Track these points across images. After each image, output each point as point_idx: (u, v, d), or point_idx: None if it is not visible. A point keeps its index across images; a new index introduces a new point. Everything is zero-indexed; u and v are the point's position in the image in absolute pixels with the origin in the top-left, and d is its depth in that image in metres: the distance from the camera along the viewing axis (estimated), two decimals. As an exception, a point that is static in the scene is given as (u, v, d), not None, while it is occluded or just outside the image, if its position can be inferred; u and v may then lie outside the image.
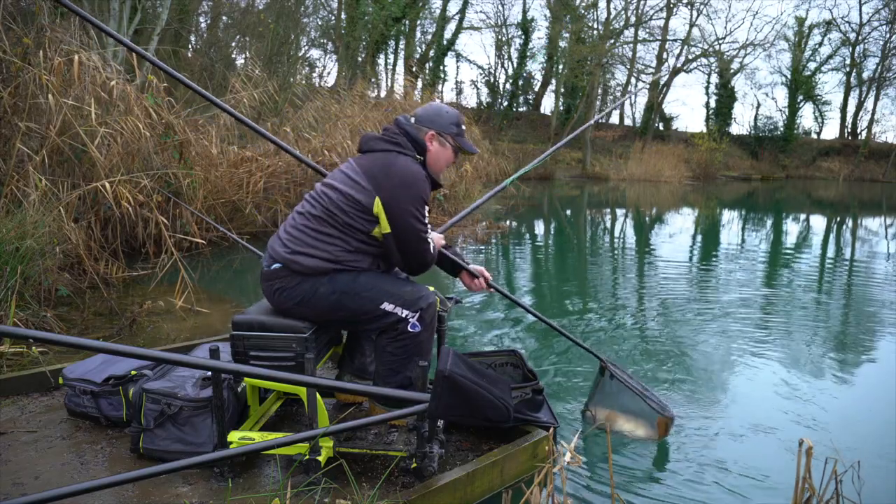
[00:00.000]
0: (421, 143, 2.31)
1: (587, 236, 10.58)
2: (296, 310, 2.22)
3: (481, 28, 31.82)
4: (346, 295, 2.19)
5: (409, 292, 2.22)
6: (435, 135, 2.32)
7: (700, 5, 29.30)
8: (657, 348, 4.25)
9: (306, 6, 18.53)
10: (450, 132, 2.34)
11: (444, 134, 2.33)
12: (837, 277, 7.22)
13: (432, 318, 2.26)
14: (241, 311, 2.32)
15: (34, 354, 3.30)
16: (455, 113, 2.39)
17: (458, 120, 2.38)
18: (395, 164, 2.20)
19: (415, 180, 2.19)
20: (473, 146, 2.43)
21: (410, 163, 2.24)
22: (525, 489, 1.45)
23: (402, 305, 2.20)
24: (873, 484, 2.53)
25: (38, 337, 1.50)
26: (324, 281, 2.19)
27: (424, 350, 2.25)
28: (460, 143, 2.36)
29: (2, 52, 5.10)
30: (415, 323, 2.20)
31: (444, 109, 2.39)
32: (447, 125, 2.34)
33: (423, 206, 2.20)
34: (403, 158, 2.24)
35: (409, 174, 2.20)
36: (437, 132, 2.32)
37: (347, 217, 2.19)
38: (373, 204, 2.17)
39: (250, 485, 2.17)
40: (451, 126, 2.35)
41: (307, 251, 2.20)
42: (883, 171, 32.22)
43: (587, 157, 27.13)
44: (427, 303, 2.23)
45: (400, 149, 2.26)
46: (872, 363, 4.20)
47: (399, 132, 2.30)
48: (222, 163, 7.24)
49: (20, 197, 4.75)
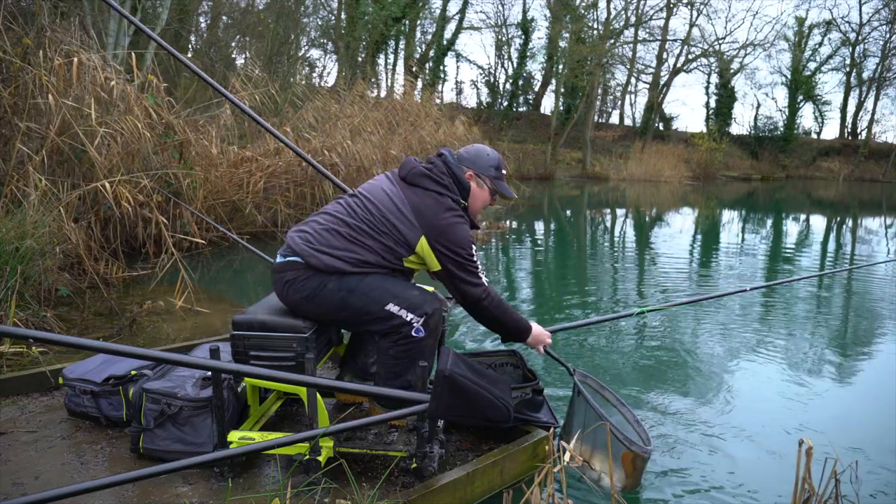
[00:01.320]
0: (465, 185, 2.35)
1: (587, 236, 10.58)
2: (303, 304, 2.22)
3: (481, 28, 31.87)
4: (353, 294, 2.19)
5: (416, 296, 2.22)
6: (473, 175, 2.38)
7: (700, 5, 29.37)
8: (657, 348, 4.25)
9: (306, 6, 18.54)
10: (488, 174, 2.39)
11: (482, 175, 2.38)
12: (837, 277, 7.22)
13: (437, 324, 2.26)
14: (241, 311, 2.31)
15: (34, 354, 3.30)
16: (496, 156, 2.45)
17: (498, 163, 2.43)
18: (443, 210, 2.25)
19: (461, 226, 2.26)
20: (511, 191, 2.48)
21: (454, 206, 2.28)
22: (525, 489, 1.45)
23: (408, 308, 2.20)
24: (873, 484, 2.53)
25: (38, 337, 1.50)
26: (333, 278, 2.20)
27: (427, 355, 2.25)
28: (497, 187, 2.41)
29: (2, 52, 5.10)
30: (419, 328, 2.20)
31: (485, 151, 2.44)
32: (486, 167, 2.39)
33: (470, 248, 2.26)
34: (449, 202, 2.28)
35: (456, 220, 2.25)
36: (476, 173, 2.38)
37: (385, 239, 2.22)
38: (417, 242, 2.21)
39: (250, 485, 2.17)
40: (491, 168, 2.40)
41: (332, 252, 2.20)
42: (883, 171, 32.24)
43: (587, 157, 27.14)
44: (433, 308, 2.22)
45: (447, 191, 2.29)
46: (872, 363, 4.19)
47: (446, 172, 2.33)
48: (222, 163, 7.24)
49: (20, 197, 4.75)
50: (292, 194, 7.86)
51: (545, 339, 2.53)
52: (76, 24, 6.12)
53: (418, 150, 10.68)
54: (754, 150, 33.82)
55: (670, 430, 2.98)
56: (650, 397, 3.38)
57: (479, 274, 2.29)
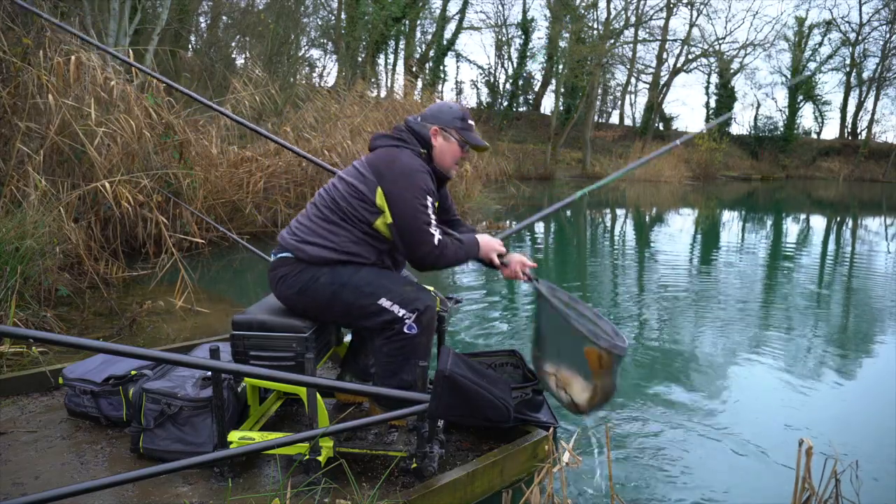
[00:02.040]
0: (425, 137, 2.36)
1: (587, 236, 10.58)
2: (296, 299, 2.24)
3: (481, 28, 31.87)
4: (345, 287, 2.19)
5: (409, 291, 2.22)
6: (439, 130, 2.37)
7: (700, 5, 29.37)
8: (657, 348, 4.25)
9: (306, 6, 18.53)
10: (454, 126, 2.38)
11: (447, 129, 2.37)
12: (837, 277, 7.22)
13: (430, 321, 2.24)
14: (241, 311, 2.31)
15: (34, 354, 3.30)
16: (459, 108, 2.43)
17: (462, 114, 2.41)
18: (397, 157, 2.26)
19: (414, 171, 2.23)
20: (480, 140, 2.44)
21: (412, 156, 2.29)
22: (525, 489, 1.45)
23: (400, 304, 2.19)
24: (873, 484, 2.53)
25: (38, 337, 1.50)
26: (325, 271, 2.21)
27: (421, 353, 2.24)
28: (465, 137, 2.39)
29: (2, 52, 5.10)
30: (411, 325, 2.19)
31: (448, 105, 2.44)
32: (451, 120, 2.38)
33: (424, 196, 2.21)
34: (406, 152, 2.30)
35: (409, 166, 2.24)
36: (441, 127, 2.37)
37: (350, 207, 2.24)
38: (375, 194, 2.21)
39: (250, 485, 2.17)
40: (455, 121, 2.38)
41: (315, 240, 2.24)
42: (883, 171, 32.23)
43: (587, 157, 27.14)
44: (425, 305, 2.21)
45: (403, 143, 2.33)
46: (872, 363, 4.19)
47: (405, 129, 2.38)
48: (222, 163, 7.24)
49: (20, 197, 4.75)
50: (292, 194, 7.86)
51: (496, 246, 2.44)
52: (76, 24, 6.12)
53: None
54: (754, 150, 33.81)
55: (670, 429, 2.98)
56: (649, 397, 3.38)
57: (431, 229, 2.21)
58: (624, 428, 2.98)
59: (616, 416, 3.13)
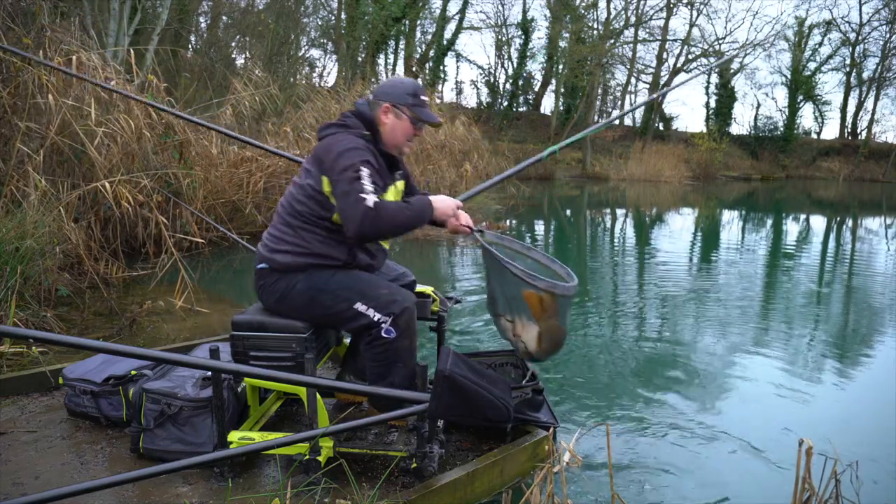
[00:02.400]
0: (370, 119, 2.28)
1: (587, 236, 10.58)
2: (276, 307, 2.23)
3: (481, 28, 31.84)
4: (322, 292, 2.18)
5: (384, 295, 2.18)
6: (390, 107, 2.28)
7: (700, 5, 29.36)
8: (656, 348, 4.25)
9: (306, 6, 18.52)
10: (405, 103, 2.27)
11: (399, 106, 2.27)
12: (837, 277, 7.22)
13: (408, 323, 2.20)
14: (241, 311, 2.31)
15: (34, 354, 3.30)
16: (412, 83, 2.33)
17: (414, 90, 2.30)
18: (335, 142, 2.19)
19: (350, 148, 2.15)
20: (434, 116, 2.34)
21: (349, 136, 2.21)
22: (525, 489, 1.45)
23: (375, 308, 2.16)
24: (873, 484, 2.53)
25: (38, 337, 1.50)
26: (301, 278, 2.20)
27: (404, 357, 2.21)
28: (417, 113, 2.28)
29: (2, 51, 5.10)
30: (388, 328, 2.16)
31: (400, 80, 2.35)
32: (402, 96, 2.28)
33: (357, 167, 2.10)
34: (343, 135, 2.22)
35: (345, 145, 2.16)
36: (392, 104, 2.27)
37: (307, 207, 2.20)
38: (322, 184, 2.18)
39: (250, 485, 2.17)
40: (407, 97, 2.28)
41: (284, 248, 2.22)
42: (883, 171, 32.22)
43: (587, 157, 27.13)
44: (401, 308, 2.17)
45: (346, 129, 2.26)
46: (872, 363, 4.19)
47: (350, 114, 2.31)
48: (222, 163, 7.24)
49: (20, 197, 4.75)
50: (292, 194, 7.84)
51: (451, 206, 2.30)
52: (76, 24, 6.12)
53: (418, 150, 10.68)
54: (754, 150, 33.80)
55: (670, 429, 2.98)
56: (650, 397, 3.38)
57: (363, 194, 2.06)
58: (625, 428, 2.98)
59: (616, 415, 3.13)
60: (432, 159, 10.81)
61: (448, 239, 8.67)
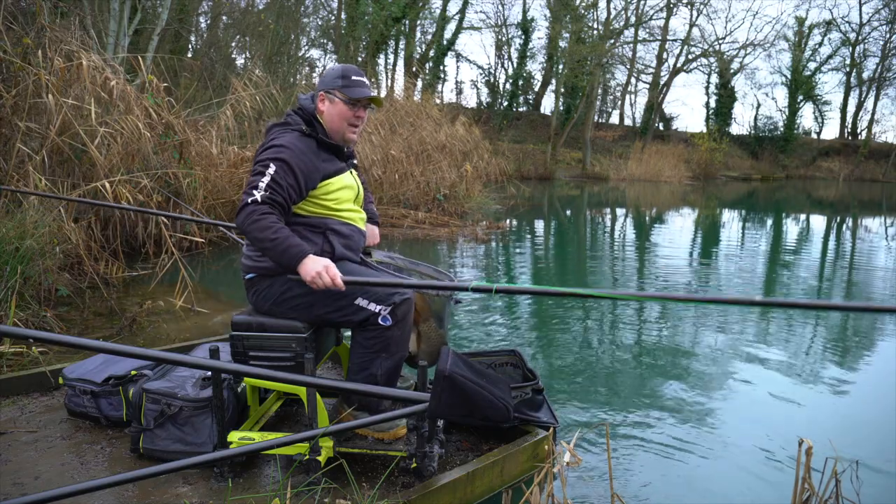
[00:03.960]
0: (309, 112, 2.27)
1: (587, 236, 10.58)
2: (274, 309, 2.22)
3: (481, 28, 31.87)
4: (321, 293, 2.16)
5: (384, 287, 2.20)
6: (324, 94, 2.27)
7: (700, 5, 29.37)
8: (657, 348, 4.25)
9: (306, 6, 18.53)
10: (335, 86, 2.25)
11: (331, 91, 2.26)
12: (837, 277, 7.22)
13: (405, 314, 2.22)
14: (240, 311, 2.31)
15: (34, 354, 3.30)
16: (342, 66, 2.30)
17: (343, 72, 2.27)
18: (267, 140, 2.21)
19: (270, 146, 2.16)
20: (366, 90, 2.27)
21: (285, 136, 2.20)
22: (525, 489, 1.45)
23: (376, 301, 2.18)
24: (874, 484, 2.53)
25: (38, 337, 1.50)
26: (297, 279, 2.17)
27: (393, 347, 2.22)
28: (346, 93, 2.24)
29: (2, 51, 5.10)
30: (385, 316, 2.17)
31: (332, 67, 2.33)
32: (331, 80, 2.27)
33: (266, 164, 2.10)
34: (279, 133, 2.22)
35: (269, 143, 2.18)
36: (325, 91, 2.27)
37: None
38: None
39: (250, 485, 2.17)
40: (336, 80, 2.26)
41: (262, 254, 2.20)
42: (883, 171, 32.24)
43: (587, 157, 27.14)
44: (401, 298, 2.19)
45: (285, 127, 2.25)
46: (872, 363, 4.19)
47: (292, 111, 2.31)
48: (222, 163, 7.24)
49: (20, 197, 4.75)
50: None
51: (321, 267, 2.03)
52: (76, 24, 6.12)
53: (419, 150, 10.68)
54: (754, 150, 33.82)
55: (670, 429, 2.98)
56: (650, 397, 3.38)
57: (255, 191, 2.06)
58: (624, 428, 2.98)
59: (616, 415, 3.13)
60: (433, 160, 10.82)
61: (448, 238, 8.67)
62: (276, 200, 2.11)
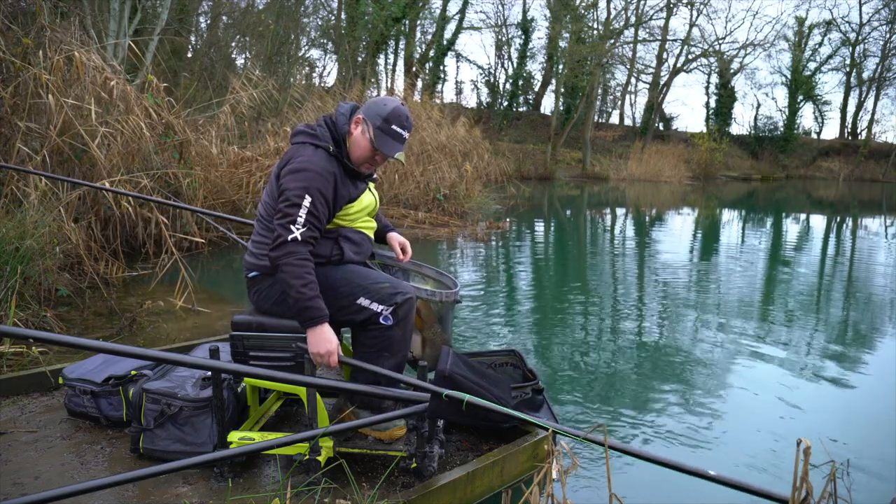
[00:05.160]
0: (340, 131, 2.23)
1: (587, 236, 10.58)
2: (275, 309, 2.23)
3: (481, 28, 31.86)
4: (323, 291, 2.16)
5: (386, 288, 2.21)
6: (361, 119, 2.22)
7: (700, 5, 29.35)
8: (657, 348, 4.25)
9: (306, 6, 18.52)
10: (374, 122, 2.18)
11: (368, 121, 2.20)
12: (837, 277, 7.22)
13: (407, 313, 2.22)
14: (240, 311, 2.31)
15: (34, 354, 3.30)
16: (395, 109, 2.20)
17: (388, 115, 2.18)
18: (296, 154, 2.18)
19: (304, 169, 2.11)
20: (393, 148, 2.19)
21: (313, 152, 2.16)
22: (525, 489, 1.45)
23: (378, 301, 2.19)
24: (873, 484, 2.53)
25: (38, 337, 1.50)
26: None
27: (395, 347, 2.22)
28: (375, 137, 2.17)
29: (2, 51, 5.10)
30: (387, 316, 2.18)
31: (384, 101, 2.23)
32: (374, 115, 2.19)
33: (302, 193, 2.07)
34: (308, 148, 2.18)
35: (302, 163, 2.12)
36: (365, 117, 2.21)
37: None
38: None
39: (250, 485, 2.18)
40: (378, 117, 2.18)
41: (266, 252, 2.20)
42: (883, 171, 32.24)
43: (587, 157, 27.13)
44: (403, 298, 2.20)
45: (313, 140, 2.21)
46: (872, 363, 4.19)
47: (323, 121, 2.27)
48: (222, 163, 7.24)
49: (20, 197, 4.75)
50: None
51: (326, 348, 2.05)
52: (76, 23, 6.12)
53: (419, 151, 10.69)
54: (754, 150, 33.82)
55: (668, 429, 2.98)
56: (648, 398, 3.38)
57: (293, 226, 2.05)
58: (624, 428, 2.98)
59: (616, 415, 3.13)
60: (433, 160, 10.82)
61: (448, 238, 8.67)
62: (313, 236, 2.11)
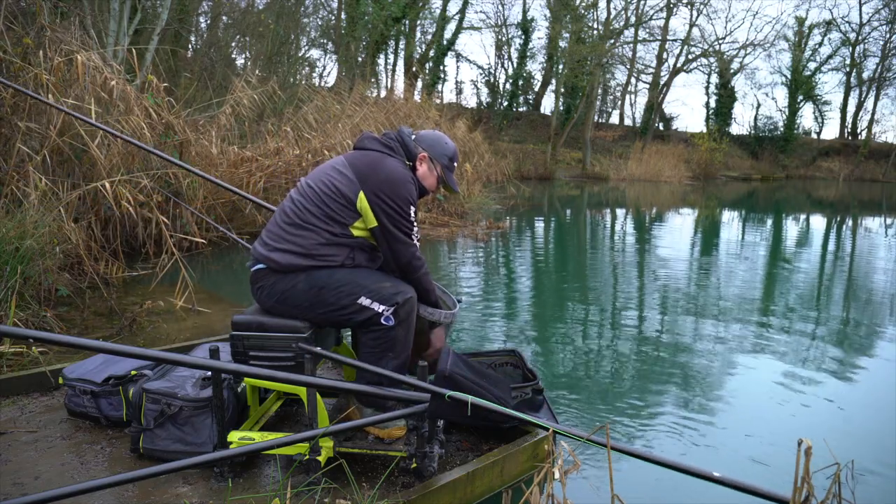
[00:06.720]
0: (413, 153, 2.39)
1: (587, 236, 10.58)
2: (277, 307, 2.23)
3: (481, 28, 31.86)
4: (325, 290, 2.18)
5: (387, 287, 2.22)
6: (426, 157, 2.41)
7: (700, 5, 29.34)
8: (657, 348, 4.25)
9: (306, 6, 18.52)
10: (441, 162, 2.43)
11: (435, 160, 2.41)
12: (837, 277, 7.22)
13: (408, 314, 2.24)
14: (240, 311, 2.31)
15: (34, 354, 3.30)
16: (453, 148, 2.49)
17: (453, 154, 2.46)
18: (383, 163, 2.27)
19: (402, 181, 2.24)
20: (457, 184, 2.52)
21: (399, 165, 2.30)
22: (525, 489, 1.45)
23: (379, 300, 2.19)
24: (874, 485, 2.53)
25: (38, 337, 1.50)
26: (301, 277, 2.20)
27: (399, 347, 2.23)
28: (446, 177, 2.45)
29: (2, 51, 5.10)
30: (388, 316, 2.19)
31: (444, 140, 2.48)
32: (441, 154, 2.43)
33: (408, 206, 2.24)
34: (393, 160, 2.30)
35: (397, 173, 2.25)
36: (431, 157, 2.41)
37: (329, 209, 2.21)
38: (356, 198, 2.21)
39: (250, 485, 2.18)
40: (444, 157, 2.44)
41: (284, 247, 2.22)
42: (883, 171, 32.24)
43: (587, 157, 27.13)
44: (404, 298, 2.21)
45: (392, 152, 2.34)
46: (873, 363, 4.19)
47: (395, 138, 2.38)
48: (222, 163, 7.24)
49: (20, 197, 4.75)
50: (292, 194, 7.83)
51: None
52: (76, 24, 6.12)
53: (418, 150, 10.67)
54: (754, 150, 33.82)
55: (669, 429, 2.98)
56: (649, 398, 3.38)
57: (413, 236, 2.28)
58: (625, 428, 2.98)
59: (617, 415, 3.13)
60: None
61: (448, 238, 8.67)
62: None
